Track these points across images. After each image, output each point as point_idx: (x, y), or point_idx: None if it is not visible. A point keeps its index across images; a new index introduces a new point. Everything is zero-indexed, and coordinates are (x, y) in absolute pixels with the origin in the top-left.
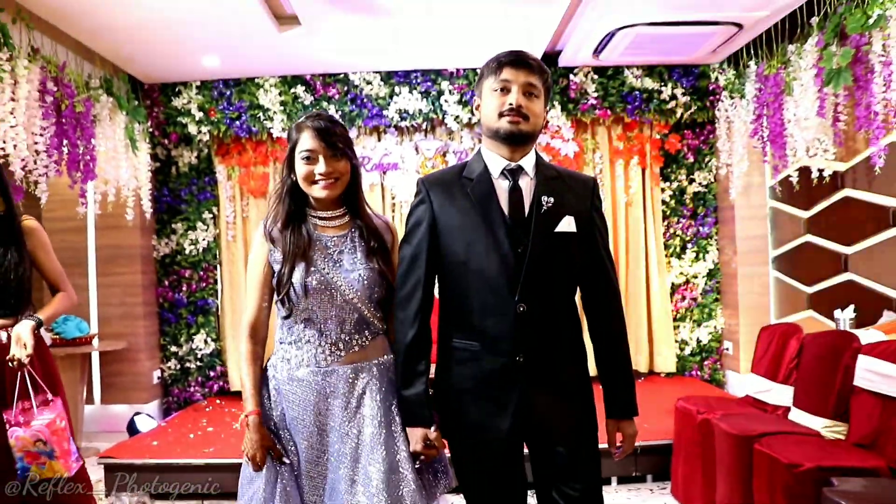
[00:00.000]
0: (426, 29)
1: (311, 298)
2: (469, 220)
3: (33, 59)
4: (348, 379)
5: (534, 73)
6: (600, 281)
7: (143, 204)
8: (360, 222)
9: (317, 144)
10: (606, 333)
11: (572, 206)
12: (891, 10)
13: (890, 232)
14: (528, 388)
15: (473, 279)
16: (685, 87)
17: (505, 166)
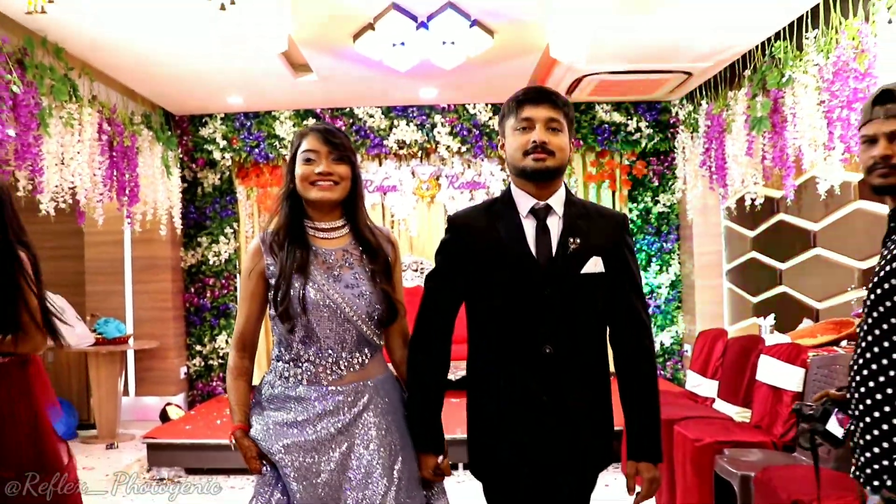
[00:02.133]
0: (420, 74)
1: (309, 315)
2: (496, 260)
3: (93, 105)
4: (349, 398)
5: (556, 108)
6: (629, 320)
7: (175, 220)
8: (361, 235)
9: (318, 145)
10: (634, 374)
11: (600, 245)
12: (797, 73)
13: (812, 252)
14: (553, 429)
15: (500, 319)
16: (648, 121)
17: (533, 205)
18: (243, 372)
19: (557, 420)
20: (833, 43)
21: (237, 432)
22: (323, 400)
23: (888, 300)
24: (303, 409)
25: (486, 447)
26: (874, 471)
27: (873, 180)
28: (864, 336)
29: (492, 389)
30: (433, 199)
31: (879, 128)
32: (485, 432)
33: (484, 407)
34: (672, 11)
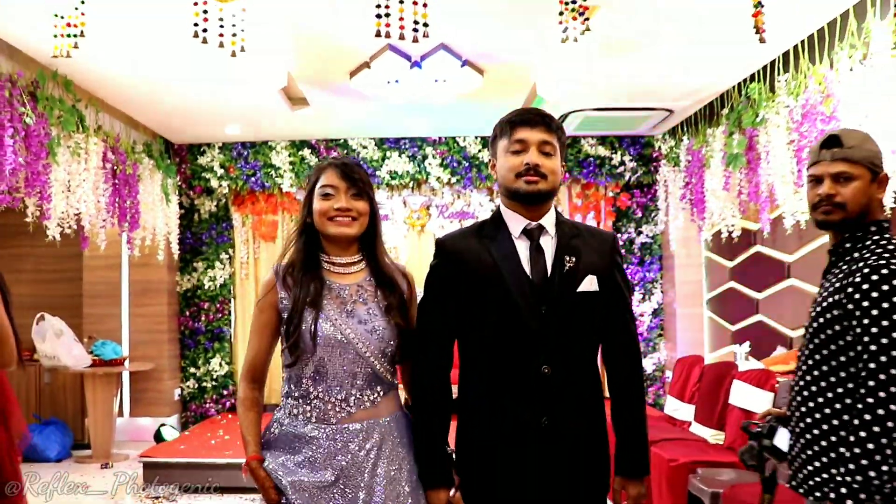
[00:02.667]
0: (412, 108)
1: (320, 351)
2: (490, 282)
3: (98, 135)
4: (359, 437)
5: (550, 131)
6: (621, 339)
7: (172, 245)
8: (378, 270)
9: (337, 181)
10: (624, 392)
11: (594, 264)
12: (769, 114)
13: (786, 282)
14: (552, 451)
15: (496, 340)
16: (632, 155)
17: (525, 226)
18: (254, 403)
19: (558, 443)
20: (802, 87)
21: (252, 463)
22: (331, 440)
23: (828, 329)
24: (311, 449)
25: (482, 476)
26: (817, 482)
27: (817, 216)
28: (805, 360)
29: (487, 415)
30: (423, 228)
31: (825, 169)
32: (480, 460)
33: (479, 434)
34: (650, 55)
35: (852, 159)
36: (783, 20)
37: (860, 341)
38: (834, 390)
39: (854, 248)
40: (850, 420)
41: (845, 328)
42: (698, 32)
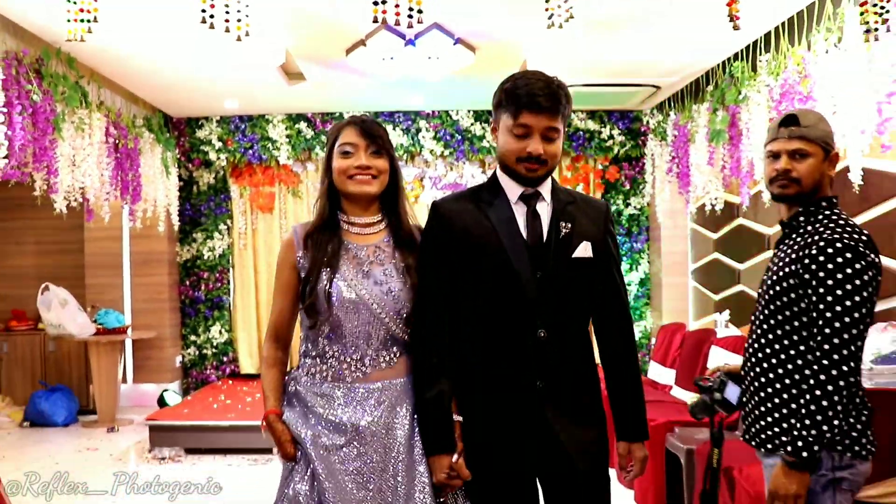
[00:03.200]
0: (406, 84)
1: (336, 311)
2: (487, 244)
3: (100, 110)
4: (373, 398)
5: (555, 116)
6: (613, 305)
7: (172, 217)
8: (397, 230)
9: (357, 138)
10: (618, 357)
11: (588, 231)
12: (751, 92)
13: (766, 254)
14: (548, 414)
15: (492, 304)
16: (621, 129)
17: (523, 191)
18: (277, 361)
19: (554, 407)
20: (781, 67)
21: (270, 416)
22: (347, 400)
23: (785, 296)
24: (327, 407)
25: (476, 435)
26: (769, 435)
27: (774, 190)
28: (760, 324)
29: (481, 379)
30: (417, 199)
31: (783, 146)
32: (476, 419)
33: (473, 398)
34: (637, 34)
35: (808, 137)
36: (765, 2)
37: (816, 308)
38: (788, 351)
39: (808, 221)
40: (804, 378)
41: (801, 295)
42: (683, 12)
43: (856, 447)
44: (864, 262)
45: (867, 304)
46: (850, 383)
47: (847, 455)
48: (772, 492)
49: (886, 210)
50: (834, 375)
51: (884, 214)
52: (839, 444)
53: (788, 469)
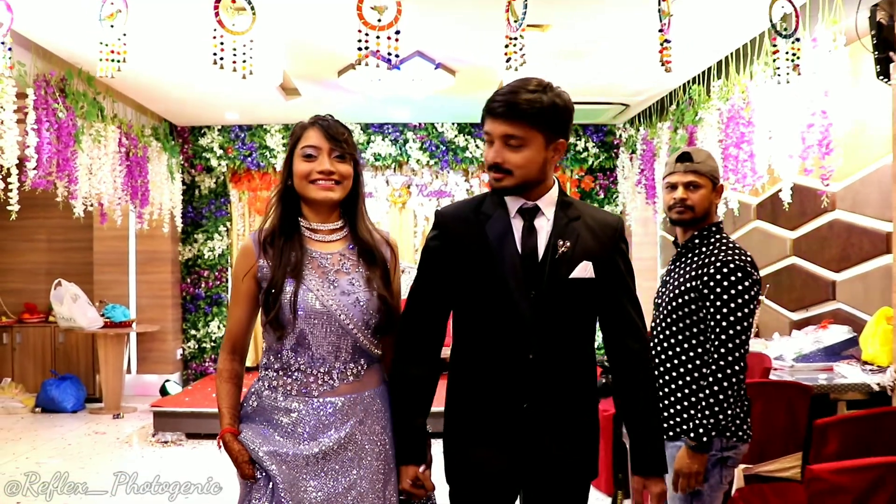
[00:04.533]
0: (394, 99)
1: (301, 323)
2: (483, 260)
3: (114, 122)
4: (340, 413)
5: (513, 122)
6: (623, 329)
7: (175, 219)
8: (360, 237)
9: (320, 141)
10: (631, 385)
11: (592, 249)
12: (705, 114)
13: None
14: (533, 436)
15: (484, 321)
16: (595, 142)
17: (521, 205)
18: (233, 375)
19: (537, 428)
20: (729, 93)
21: (226, 436)
22: (313, 415)
23: (686, 307)
24: (292, 422)
25: (462, 450)
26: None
27: (672, 215)
28: (663, 329)
29: (471, 394)
30: (404, 206)
31: (679, 178)
32: (463, 435)
33: (462, 410)
34: (602, 59)
35: (700, 171)
36: (717, 33)
37: (713, 317)
38: (688, 353)
39: (702, 244)
40: (702, 376)
41: (700, 306)
42: (641, 41)
43: (739, 433)
44: (751, 281)
45: (752, 314)
46: (739, 380)
47: (733, 439)
48: (677, 470)
49: (819, 224)
50: (728, 374)
51: (817, 228)
52: (727, 430)
53: (691, 452)
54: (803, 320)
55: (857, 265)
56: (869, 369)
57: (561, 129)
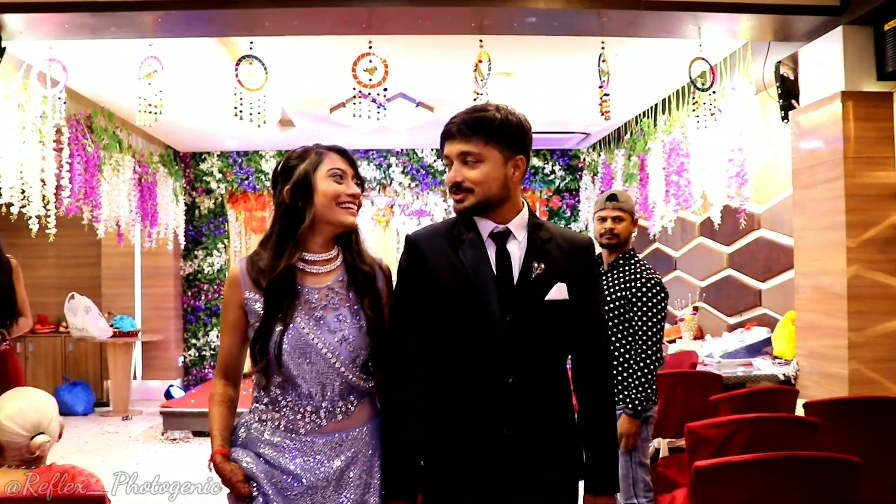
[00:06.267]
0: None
1: (288, 362)
2: (458, 284)
3: (128, 152)
4: (329, 450)
5: (466, 139)
6: (590, 349)
7: (179, 237)
8: (354, 265)
9: (345, 166)
10: (593, 403)
11: (565, 271)
12: (652, 145)
13: (674, 273)
14: (513, 464)
15: (461, 346)
16: (561, 165)
17: (493, 229)
18: (226, 399)
19: (519, 454)
20: (671, 128)
21: (217, 457)
22: (300, 453)
23: (614, 312)
24: (279, 455)
25: (443, 481)
26: None
27: (602, 241)
28: None
29: (450, 420)
30: (388, 224)
31: (608, 213)
32: (443, 467)
33: (442, 437)
34: (562, 97)
35: (623, 208)
36: (661, 75)
37: (638, 319)
38: (623, 347)
39: (626, 265)
40: (634, 362)
41: (629, 310)
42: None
43: (653, 398)
44: (664, 293)
45: (665, 316)
46: (657, 366)
47: (649, 403)
48: (621, 434)
49: (748, 241)
50: (653, 359)
51: (747, 244)
52: (648, 398)
53: (630, 418)
54: (737, 323)
55: (777, 276)
56: (778, 362)
57: (517, 146)
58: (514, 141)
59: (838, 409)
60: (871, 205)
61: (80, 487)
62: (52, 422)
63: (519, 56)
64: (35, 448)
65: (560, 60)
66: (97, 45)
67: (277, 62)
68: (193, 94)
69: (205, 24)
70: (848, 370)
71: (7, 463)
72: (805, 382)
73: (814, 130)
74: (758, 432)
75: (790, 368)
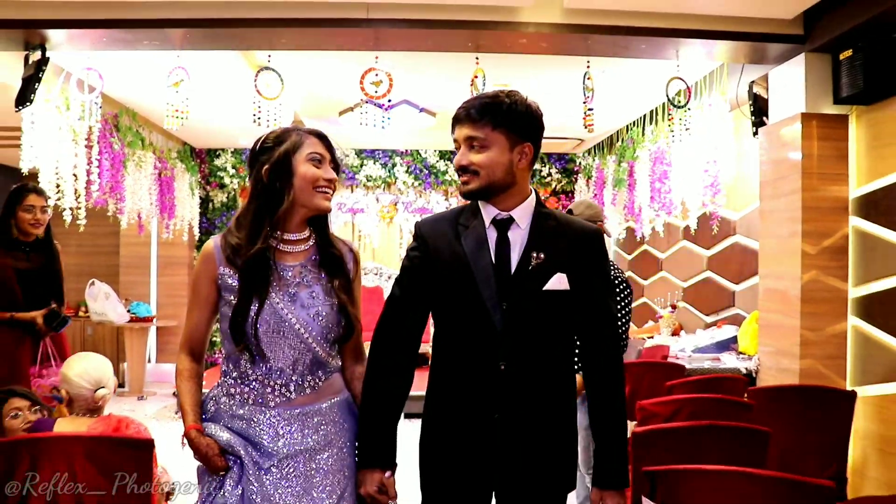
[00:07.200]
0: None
1: (261, 335)
2: (459, 271)
3: (149, 148)
4: (297, 422)
5: (473, 124)
6: (596, 341)
7: (193, 229)
8: (325, 247)
9: (323, 150)
10: (600, 396)
11: (567, 261)
12: (640, 152)
13: (660, 274)
14: (504, 448)
15: (458, 332)
16: (558, 168)
17: (495, 216)
18: (194, 374)
19: (509, 439)
20: (657, 137)
21: (191, 432)
22: (268, 424)
23: None
24: (248, 428)
25: (436, 462)
26: None
27: None
28: None
29: (446, 403)
30: (392, 220)
31: None
32: (437, 444)
33: (437, 419)
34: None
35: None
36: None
37: None
38: None
39: None
40: None
41: None
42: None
43: None
44: (630, 290)
45: (630, 311)
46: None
47: None
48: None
49: (725, 245)
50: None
51: (723, 249)
52: None
53: None
54: (713, 322)
55: (749, 278)
56: (742, 357)
57: (524, 132)
58: (521, 128)
59: (774, 395)
60: (826, 216)
61: (132, 432)
62: (110, 379)
63: (513, 69)
64: (98, 399)
65: (553, 74)
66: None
67: (291, 70)
68: (213, 97)
69: (228, 40)
70: (800, 366)
71: (75, 412)
72: (764, 376)
73: (778, 147)
74: (699, 411)
75: (752, 363)
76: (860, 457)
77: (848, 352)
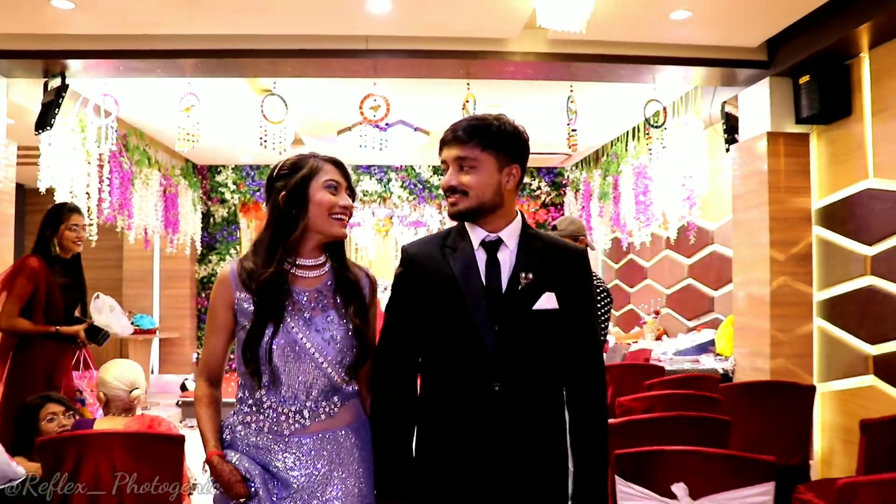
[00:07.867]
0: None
1: (276, 360)
2: (448, 293)
3: (154, 166)
4: (314, 450)
5: (462, 145)
6: (580, 358)
7: (196, 243)
8: (341, 272)
9: (340, 178)
10: (582, 414)
11: (555, 280)
12: (623, 167)
13: (645, 282)
14: (500, 470)
15: (450, 355)
16: (547, 181)
17: (483, 237)
18: (213, 400)
19: (507, 462)
20: (639, 153)
21: (214, 458)
22: (284, 454)
23: None
24: (264, 457)
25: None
26: None
27: None
28: None
29: (439, 430)
30: (387, 234)
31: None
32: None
33: (433, 441)
34: (545, 127)
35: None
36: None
37: None
38: None
39: None
40: None
41: None
42: None
43: None
44: (611, 298)
45: (608, 318)
46: None
47: None
48: None
49: (705, 254)
50: None
51: (703, 257)
52: None
53: None
54: (694, 326)
55: (726, 285)
56: (719, 359)
57: (512, 154)
58: (509, 150)
59: (742, 390)
60: (792, 226)
61: (164, 429)
62: (143, 381)
63: (502, 93)
64: (133, 399)
65: (539, 98)
66: None
67: (292, 92)
68: (218, 118)
69: (237, 69)
70: (772, 365)
71: (112, 412)
72: (740, 375)
73: (747, 162)
74: (671, 405)
75: (729, 364)
76: (827, 447)
77: (814, 350)
